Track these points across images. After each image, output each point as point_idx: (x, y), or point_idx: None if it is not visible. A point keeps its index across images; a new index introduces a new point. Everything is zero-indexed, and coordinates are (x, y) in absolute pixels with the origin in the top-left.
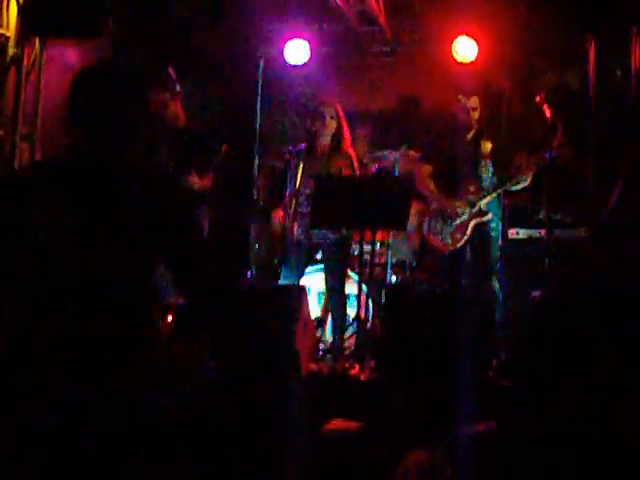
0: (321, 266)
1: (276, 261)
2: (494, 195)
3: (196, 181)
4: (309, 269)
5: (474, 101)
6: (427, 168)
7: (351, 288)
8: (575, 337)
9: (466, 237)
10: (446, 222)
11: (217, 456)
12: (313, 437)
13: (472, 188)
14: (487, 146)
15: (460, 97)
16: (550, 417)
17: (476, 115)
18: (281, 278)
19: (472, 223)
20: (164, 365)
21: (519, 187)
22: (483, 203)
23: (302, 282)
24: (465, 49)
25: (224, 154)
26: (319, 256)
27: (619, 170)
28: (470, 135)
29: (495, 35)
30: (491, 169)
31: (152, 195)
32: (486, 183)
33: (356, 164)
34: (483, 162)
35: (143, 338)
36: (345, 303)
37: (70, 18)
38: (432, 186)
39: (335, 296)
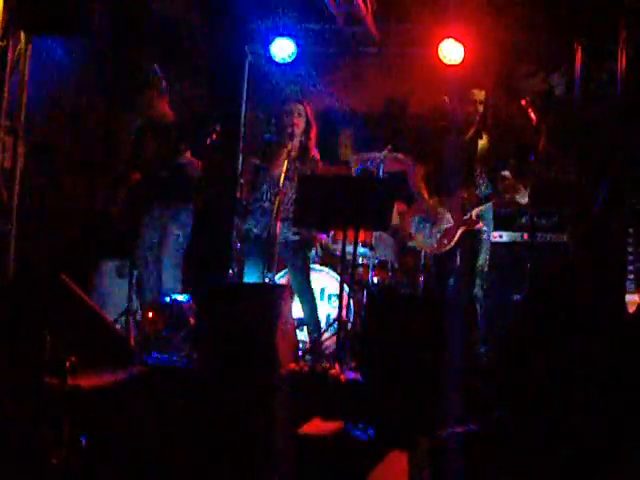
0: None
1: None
2: (487, 205)
3: (188, 156)
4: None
5: (482, 94)
6: (420, 169)
7: (333, 288)
8: (555, 338)
9: (452, 243)
10: (434, 225)
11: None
12: (292, 436)
13: (465, 194)
14: (484, 144)
15: (474, 91)
16: (532, 417)
17: (481, 109)
18: (245, 275)
19: (460, 230)
20: None
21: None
22: (474, 212)
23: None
24: (451, 52)
25: (214, 138)
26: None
27: (604, 174)
28: (471, 132)
29: (481, 38)
30: (485, 176)
31: None
32: (480, 191)
33: (318, 169)
34: (478, 169)
35: None
36: (314, 303)
37: (56, 14)
38: (424, 188)
39: (302, 296)
